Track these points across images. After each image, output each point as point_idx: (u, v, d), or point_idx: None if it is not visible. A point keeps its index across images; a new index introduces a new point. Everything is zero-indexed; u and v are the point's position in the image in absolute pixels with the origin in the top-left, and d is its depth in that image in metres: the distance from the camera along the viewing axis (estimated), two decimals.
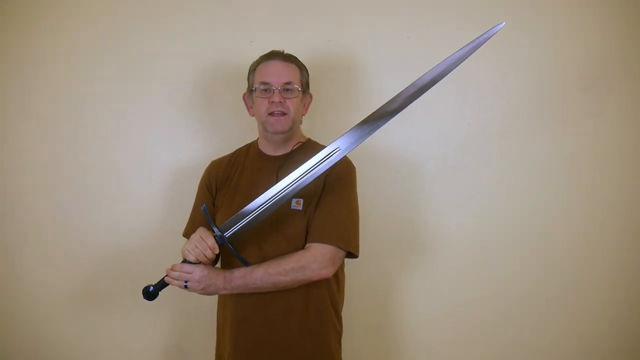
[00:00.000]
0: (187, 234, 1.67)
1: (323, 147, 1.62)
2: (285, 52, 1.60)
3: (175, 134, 2.00)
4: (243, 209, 1.42)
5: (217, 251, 1.41)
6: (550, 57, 1.93)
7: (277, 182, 1.51)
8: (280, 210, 1.48)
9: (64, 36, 2.00)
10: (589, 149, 1.94)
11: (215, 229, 1.42)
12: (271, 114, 1.53)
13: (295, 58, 1.61)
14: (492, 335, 1.97)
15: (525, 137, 1.95)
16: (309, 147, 1.62)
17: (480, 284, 1.97)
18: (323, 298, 1.52)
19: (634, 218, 1.94)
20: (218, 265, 1.61)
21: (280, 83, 1.53)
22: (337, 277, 1.56)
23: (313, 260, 1.44)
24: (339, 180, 1.51)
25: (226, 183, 1.62)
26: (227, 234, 1.42)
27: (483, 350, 1.98)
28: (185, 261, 1.43)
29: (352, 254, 1.51)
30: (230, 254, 1.44)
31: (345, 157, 1.57)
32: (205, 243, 1.40)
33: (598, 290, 1.96)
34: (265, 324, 1.49)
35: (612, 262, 1.95)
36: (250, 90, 1.60)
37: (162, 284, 1.46)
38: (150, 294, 1.46)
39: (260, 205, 1.42)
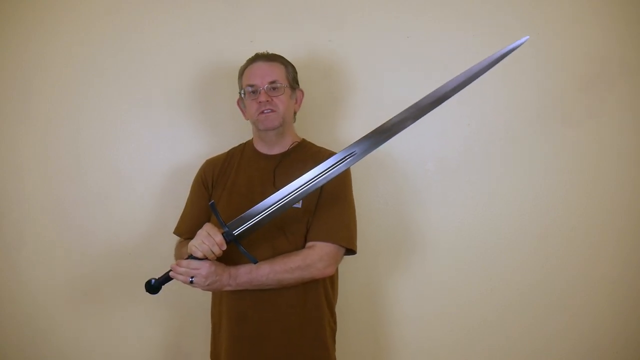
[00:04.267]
0: (179, 230, 1.69)
1: (318, 147, 1.66)
2: (270, 52, 1.62)
3: (175, 133, 1.99)
4: (252, 209, 1.42)
5: (224, 248, 1.40)
6: (550, 57, 1.93)
7: (274, 181, 1.53)
8: None
9: (64, 36, 2.00)
10: (589, 149, 1.94)
11: (225, 227, 1.41)
12: (261, 112, 1.55)
13: (279, 56, 1.63)
14: (490, 335, 1.97)
15: (525, 137, 1.95)
16: (304, 148, 1.65)
17: (479, 284, 1.97)
18: (319, 295, 1.55)
19: (634, 218, 1.94)
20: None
21: (265, 83, 1.55)
22: (332, 274, 1.58)
23: (319, 259, 1.47)
24: (337, 180, 1.51)
25: (222, 181, 1.62)
26: (236, 231, 1.41)
27: (481, 349, 1.98)
28: (191, 257, 1.42)
29: (351, 251, 1.55)
30: (234, 251, 1.43)
31: None
32: (212, 239, 1.39)
33: (598, 290, 1.96)
34: (265, 320, 1.51)
35: (612, 262, 1.95)
36: (241, 94, 1.63)
37: (165, 278, 1.44)
38: (152, 287, 1.44)
39: (270, 206, 1.41)
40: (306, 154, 1.61)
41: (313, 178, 1.41)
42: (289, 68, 1.63)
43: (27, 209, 2.01)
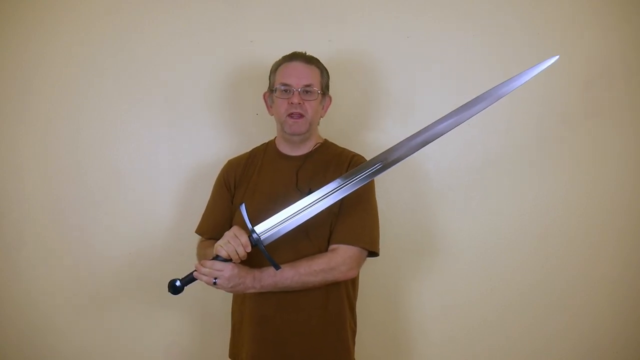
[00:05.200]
0: (201, 230, 1.68)
1: (341, 148, 1.66)
2: (308, 54, 1.61)
3: (175, 133, 1.99)
4: (278, 214, 1.41)
5: (249, 249, 1.39)
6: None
7: (297, 182, 1.53)
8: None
9: (64, 36, 1.99)
10: (589, 149, 1.94)
11: (253, 231, 1.40)
12: (290, 115, 1.54)
13: (317, 60, 1.61)
14: (490, 335, 1.98)
15: (525, 137, 1.95)
16: (327, 148, 1.64)
17: (479, 284, 1.97)
18: (341, 297, 1.55)
19: (634, 218, 1.94)
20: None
21: (301, 85, 1.54)
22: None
23: (342, 262, 1.47)
24: None
25: (244, 181, 1.62)
26: (263, 235, 1.40)
27: (481, 349, 1.98)
28: (216, 257, 1.41)
29: (373, 253, 1.55)
30: (258, 254, 1.42)
31: (364, 159, 1.59)
32: (238, 240, 1.38)
33: (598, 290, 1.96)
34: (288, 322, 1.51)
35: (612, 262, 1.95)
36: (271, 90, 1.61)
37: (189, 279, 1.43)
38: (176, 288, 1.41)
39: (297, 212, 1.41)
40: (329, 155, 1.61)
41: (340, 185, 1.41)
42: (324, 73, 1.62)
43: (27, 209, 2.01)
